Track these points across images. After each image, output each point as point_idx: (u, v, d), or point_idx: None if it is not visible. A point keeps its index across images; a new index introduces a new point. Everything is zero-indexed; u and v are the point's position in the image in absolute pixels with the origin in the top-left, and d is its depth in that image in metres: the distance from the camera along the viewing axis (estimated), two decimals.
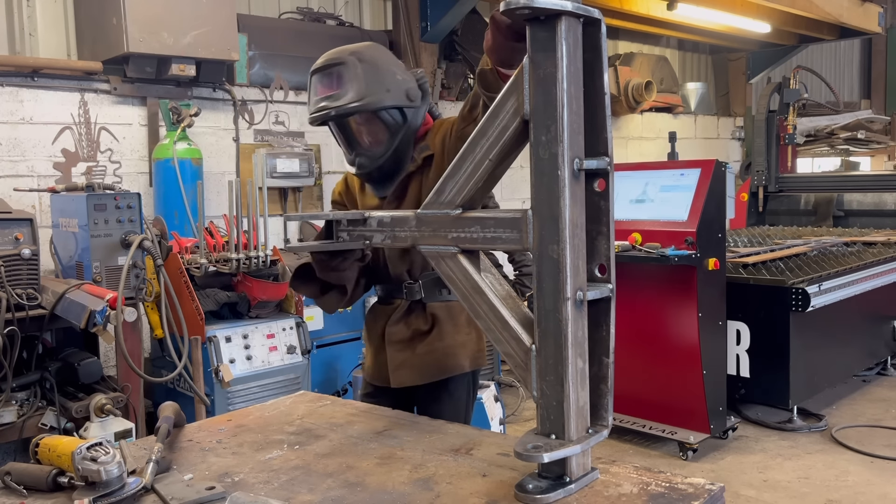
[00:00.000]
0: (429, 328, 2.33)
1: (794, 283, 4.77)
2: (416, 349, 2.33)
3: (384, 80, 2.15)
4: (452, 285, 1.57)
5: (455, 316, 2.36)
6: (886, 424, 4.96)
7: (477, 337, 2.42)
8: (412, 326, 2.34)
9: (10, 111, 4.68)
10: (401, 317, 2.35)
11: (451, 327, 2.35)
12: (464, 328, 2.38)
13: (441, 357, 2.34)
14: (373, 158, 2.24)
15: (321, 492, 1.52)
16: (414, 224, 1.63)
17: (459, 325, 2.37)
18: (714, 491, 1.42)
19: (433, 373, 2.34)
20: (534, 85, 1.36)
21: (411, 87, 2.21)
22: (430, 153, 2.26)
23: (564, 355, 1.36)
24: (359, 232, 1.77)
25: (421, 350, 2.33)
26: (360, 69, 2.13)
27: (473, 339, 2.41)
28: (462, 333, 2.37)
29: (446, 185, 1.55)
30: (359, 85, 2.13)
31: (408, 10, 6.68)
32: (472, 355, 2.41)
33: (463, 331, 2.38)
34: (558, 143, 1.33)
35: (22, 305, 3.25)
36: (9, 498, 1.53)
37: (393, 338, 2.36)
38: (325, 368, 5.26)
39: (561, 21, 1.31)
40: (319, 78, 2.18)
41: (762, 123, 7.92)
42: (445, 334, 2.34)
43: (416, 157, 2.27)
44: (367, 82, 2.13)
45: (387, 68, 2.18)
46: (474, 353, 2.41)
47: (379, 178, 2.29)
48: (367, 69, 2.14)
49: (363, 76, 2.13)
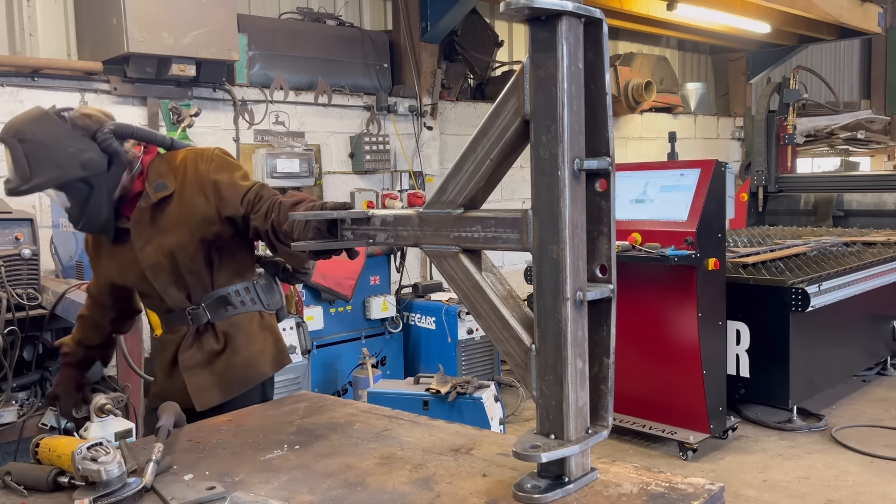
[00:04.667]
0: (222, 346, 2.29)
1: (794, 283, 4.77)
2: (214, 369, 2.29)
3: (54, 157, 2.07)
4: (453, 284, 1.56)
5: (245, 327, 2.32)
6: (886, 424, 4.96)
7: (274, 340, 2.39)
8: (205, 349, 2.29)
9: (10, 111, 4.67)
10: (192, 342, 2.31)
11: (244, 340, 2.31)
12: (258, 336, 2.34)
13: (242, 370, 2.31)
14: (75, 222, 2.23)
15: (321, 492, 1.52)
16: (416, 223, 1.62)
17: (253, 335, 2.33)
18: (714, 491, 1.42)
19: (237, 387, 2.31)
20: (534, 85, 1.35)
21: (88, 156, 2.10)
22: (168, 193, 2.22)
23: (564, 355, 1.36)
24: (362, 231, 1.76)
25: (219, 368, 2.29)
26: (20, 151, 2.06)
27: (270, 342, 2.38)
28: (258, 342, 2.34)
29: (448, 185, 1.55)
30: (22, 168, 2.06)
31: (408, 10, 6.68)
32: (272, 359, 2.37)
33: (258, 339, 2.34)
34: (558, 144, 1.33)
35: (22, 305, 3.25)
36: (9, 498, 1.53)
37: (188, 363, 2.30)
38: (325, 368, 5.27)
39: (561, 21, 1.31)
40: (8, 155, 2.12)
41: (762, 123, 7.92)
42: (241, 348, 2.30)
43: (151, 195, 2.23)
44: (31, 165, 2.05)
45: (55, 142, 2.08)
46: (274, 355, 2.38)
47: (99, 231, 2.29)
48: (31, 150, 2.06)
49: (25, 158, 2.06)
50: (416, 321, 5.78)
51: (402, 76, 6.82)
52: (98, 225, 2.24)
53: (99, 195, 2.16)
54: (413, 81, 6.75)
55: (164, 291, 2.27)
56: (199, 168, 2.22)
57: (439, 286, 5.99)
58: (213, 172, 2.21)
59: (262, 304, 2.36)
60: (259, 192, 2.16)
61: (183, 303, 2.29)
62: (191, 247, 2.22)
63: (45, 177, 2.07)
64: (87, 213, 2.18)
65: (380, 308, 5.50)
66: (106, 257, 2.40)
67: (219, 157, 2.25)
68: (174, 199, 2.22)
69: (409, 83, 6.77)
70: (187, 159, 2.26)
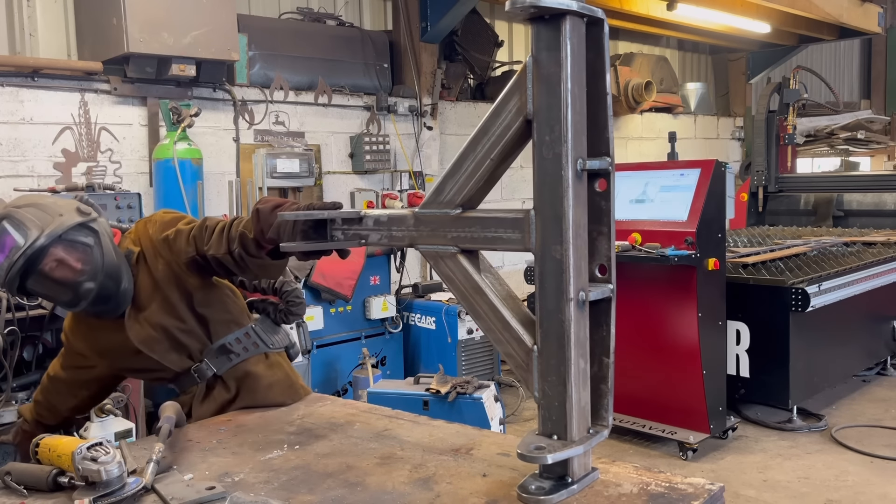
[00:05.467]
0: (234, 394, 2.29)
1: (794, 283, 4.77)
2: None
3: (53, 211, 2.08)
4: (451, 285, 1.56)
5: (252, 370, 2.30)
6: (886, 424, 4.96)
7: (283, 375, 2.36)
8: (218, 400, 2.28)
9: (10, 111, 4.68)
10: (203, 396, 2.29)
11: (253, 382, 2.30)
12: (266, 375, 2.32)
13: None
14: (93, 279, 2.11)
15: (321, 492, 1.52)
16: (412, 223, 1.61)
17: (260, 376, 2.31)
18: (714, 491, 1.42)
19: None
20: (537, 84, 1.35)
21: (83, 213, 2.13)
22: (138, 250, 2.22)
23: (567, 356, 1.36)
24: (354, 231, 1.74)
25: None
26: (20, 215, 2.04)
27: (280, 377, 2.35)
28: (266, 380, 2.32)
29: (446, 185, 1.54)
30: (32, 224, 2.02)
31: (408, 10, 6.68)
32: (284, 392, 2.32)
33: (266, 378, 2.32)
34: (562, 143, 1.33)
35: (22, 305, 3.25)
36: (9, 498, 1.53)
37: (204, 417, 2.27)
38: (325, 368, 5.27)
39: (566, 20, 1.31)
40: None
41: (762, 123, 7.92)
42: (254, 390, 2.30)
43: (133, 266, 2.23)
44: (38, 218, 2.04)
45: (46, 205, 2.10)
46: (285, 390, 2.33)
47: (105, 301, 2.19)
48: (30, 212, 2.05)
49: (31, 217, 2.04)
50: (416, 321, 5.78)
51: (402, 76, 6.82)
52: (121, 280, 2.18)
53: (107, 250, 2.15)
54: (413, 81, 6.75)
55: (164, 359, 2.24)
56: (150, 234, 2.22)
57: (439, 286, 5.99)
58: (159, 233, 2.20)
59: (266, 346, 2.35)
60: (202, 224, 2.15)
61: (185, 363, 2.27)
62: (175, 309, 2.21)
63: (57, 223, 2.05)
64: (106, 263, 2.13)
65: (380, 308, 5.50)
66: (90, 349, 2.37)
67: (159, 217, 2.26)
68: (141, 272, 2.21)
69: (409, 83, 6.77)
70: (139, 230, 2.26)
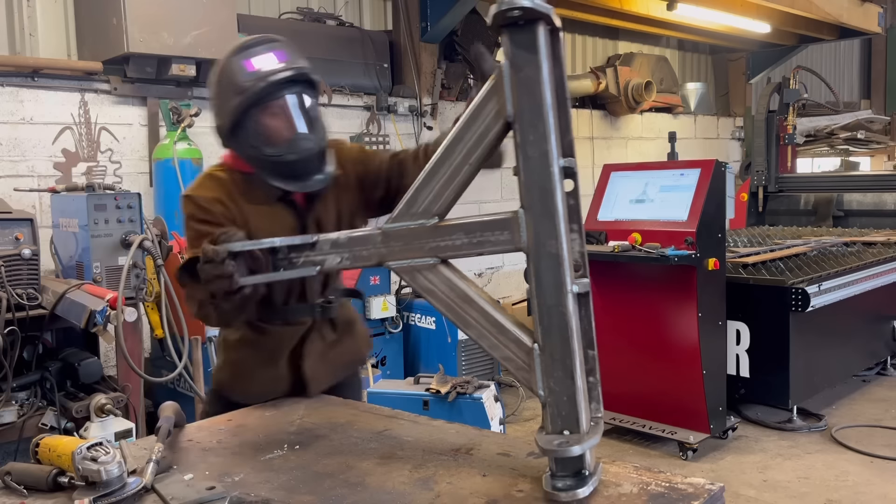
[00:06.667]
0: (338, 336, 2.35)
1: (794, 283, 4.77)
2: (329, 358, 2.32)
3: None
4: (433, 298, 1.54)
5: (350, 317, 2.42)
6: (886, 424, 4.96)
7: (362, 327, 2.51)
8: (326, 339, 2.31)
9: (10, 111, 4.68)
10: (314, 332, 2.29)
11: (346, 326, 2.38)
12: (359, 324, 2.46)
13: (350, 356, 2.43)
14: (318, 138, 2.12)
15: (321, 492, 1.52)
16: (380, 241, 1.58)
17: (355, 322, 2.44)
18: (714, 491, 1.42)
19: (342, 372, 2.40)
20: (516, 87, 1.39)
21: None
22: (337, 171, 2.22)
23: (572, 348, 1.38)
24: (305, 258, 1.66)
25: (332, 356, 2.33)
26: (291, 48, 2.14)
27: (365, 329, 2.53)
28: (359, 326, 2.46)
29: (418, 196, 1.53)
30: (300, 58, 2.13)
31: (408, 10, 6.68)
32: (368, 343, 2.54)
33: (359, 325, 2.46)
34: (547, 141, 1.37)
35: (22, 305, 3.25)
36: (9, 498, 1.53)
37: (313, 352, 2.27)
38: None
39: (539, 25, 1.36)
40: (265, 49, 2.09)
41: (762, 123, 7.92)
42: (356, 335, 2.42)
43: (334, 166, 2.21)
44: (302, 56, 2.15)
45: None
46: (369, 341, 2.54)
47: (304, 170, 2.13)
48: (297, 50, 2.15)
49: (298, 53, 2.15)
50: (416, 321, 5.78)
51: (402, 76, 6.82)
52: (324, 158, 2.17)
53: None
54: (413, 81, 6.75)
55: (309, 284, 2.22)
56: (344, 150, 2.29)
57: None
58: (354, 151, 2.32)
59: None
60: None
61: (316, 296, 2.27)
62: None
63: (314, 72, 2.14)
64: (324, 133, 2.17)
65: (380, 308, 5.50)
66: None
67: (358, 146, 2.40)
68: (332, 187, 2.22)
69: (409, 83, 6.77)
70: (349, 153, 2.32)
